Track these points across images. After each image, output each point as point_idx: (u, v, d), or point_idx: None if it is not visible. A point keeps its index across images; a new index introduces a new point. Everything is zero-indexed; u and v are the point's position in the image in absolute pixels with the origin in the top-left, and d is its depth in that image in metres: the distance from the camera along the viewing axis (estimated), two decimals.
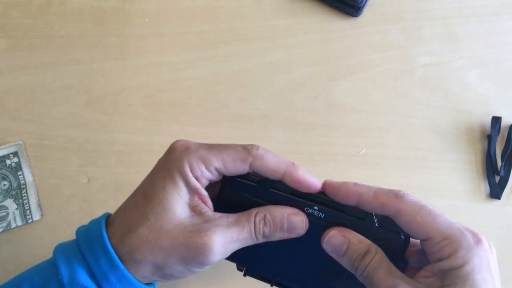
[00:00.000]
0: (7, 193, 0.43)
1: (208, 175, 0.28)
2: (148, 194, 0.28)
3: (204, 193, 0.29)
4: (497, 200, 0.47)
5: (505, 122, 0.48)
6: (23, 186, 0.43)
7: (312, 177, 0.29)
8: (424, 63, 0.50)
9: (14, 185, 0.43)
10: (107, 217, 0.30)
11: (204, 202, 0.29)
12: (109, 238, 0.28)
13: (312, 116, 0.48)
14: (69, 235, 0.43)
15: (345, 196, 0.29)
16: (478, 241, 0.27)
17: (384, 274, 0.27)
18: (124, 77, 0.48)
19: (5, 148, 0.44)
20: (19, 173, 0.43)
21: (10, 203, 0.43)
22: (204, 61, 0.49)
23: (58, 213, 0.43)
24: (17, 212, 0.42)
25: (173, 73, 0.48)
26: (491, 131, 0.48)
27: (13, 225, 0.42)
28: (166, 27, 0.50)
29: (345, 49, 0.50)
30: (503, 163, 0.47)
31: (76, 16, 0.49)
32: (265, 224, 0.28)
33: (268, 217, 0.29)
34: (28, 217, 0.42)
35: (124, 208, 0.30)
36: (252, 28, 0.50)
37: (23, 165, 0.44)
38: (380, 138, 0.48)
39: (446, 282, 0.26)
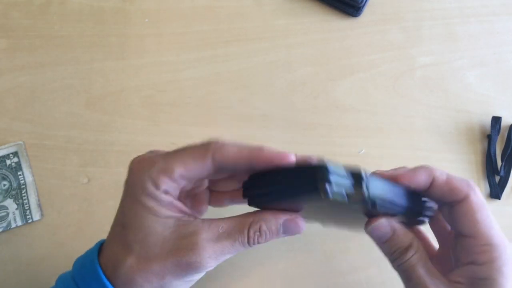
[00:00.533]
0: (7, 193, 0.43)
1: (174, 186, 0.27)
2: (124, 223, 0.27)
3: (180, 205, 0.27)
4: (497, 200, 0.47)
5: (505, 122, 0.48)
6: (23, 186, 0.43)
7: (280, 150, 0.27)
8: (424, 63, 0.50)
9: (14, 185, 0.43)
10: (101, 245, 0.29)
11: (183, 212, 0.27)
12: (103, 270, 0.27)
13: (312, 116, 0.48)
14: (69, 235, 0.43)
15: (418, 179, 0.29)
16: None
17: (423, 273, 0.28)
18: (124, 77, 0.48)
19: (5, 148, 0.44)
20: (19, 173, 0.43)
21: (10, 203, 0.43)
22: (204, 61, 0.49)
23: (58, 213, 0.43)
24: (17, 212, 0.42)
25: (173, 73, 0.48)
26: (491, 131, 0.48)
27: (13, 225, 0.42)
28: (166, 27, 0.50)
29: (345, 49, 0.50)
30: (503, 163, 0.47)
31: (76, 16, 0.49)
32: (260, 235, 0.27)
33: (264, 227, 0.27)
34: (28, 217, 0.42)
35: (109, 239, 0.29)
36: (252, 28, 0.50)
37: (23, 165, 0.44)
38: (380, 138, 0.48)
39: None
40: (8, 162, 0.44)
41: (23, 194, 0.43)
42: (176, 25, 0.50)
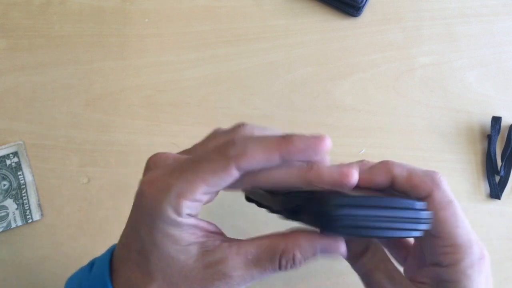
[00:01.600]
0: (7, 193, 0.43)
1: (197, 204, 0.23)
2: (142, 251, 0.24)
3: (204, 225, 0.25)
4: (497, 200, 0.47)
5: (505, 122, 0.48)
6: (23, 186, 0.43)
7: (312, 136, 0.24)
8: (424, 63, 0.50)
9: (14, 185, 0.43)
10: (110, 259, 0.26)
11: (207, 231, 0.25)
12: None
13: (312, 116, 0.48)
14: (69, 235, 0.43)
15: (376, 180, 0.26)
16: (482, 257, 0.26)
17: (381, 277, 0.26)
18: (124, 77, 0.48)
19: (5, 148, 0.44)
20: (19, 173, 0.43)
21: (10, 203, 0.43)
22: (204, 61, 0.49)
23: (58, 213, 0.43)
24: (17, 212, 0.42)
25: (173, 73, 0.48)
26: (491, 131, 0.48)
27: (13, 225, 0.42)
28: (166, 27, 0.50)
29: (345, 49, 0.50)
30: (503, 163, 0.47)
31: (76, 16, 0.49)
32: (293, 263, 0.24)
33: (298, 256, 0.24)
34: (28, 217, 0.42)
35: (124, 264, 0.25)
36: (252, 28, 0.50)
37: (23, 165, 0.44)
38: (380, 138, 0.48)
39: None
40: (8, 162, 0.44)
41: (23, 194, 0.43)
42: (176, 25, 0.50)
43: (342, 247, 0.24)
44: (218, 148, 0.23)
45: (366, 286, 0.27)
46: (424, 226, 0.24)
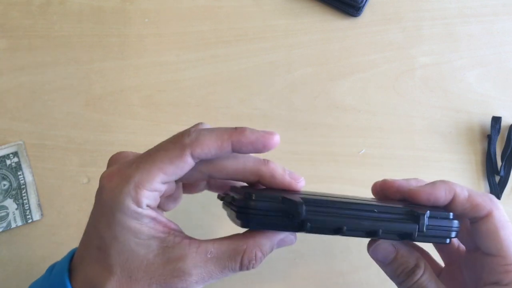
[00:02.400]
0: (7, 193, 0.43)
1: (156, 194, 0.24)
2: (102, 246, 0.24)
3: (165, 220, 0.25)
4: None
5: (505, 122, 0.48)
6: (23, 186, 0.43)
7: (262, 131, 0.25)
8: (424, 63, 0.50)
9: (14, 185, 0.43)
10: (69, 263, 0.26)
11: (167, 227, 0.25)
12: None
13: (312, 116, 0.48)
14: (69, 235, 0.43)
15: (438, 196, 0.27)
16: None
17: None
18: (124, 77, 0.48)
19: (5, 148, 0.44)
20: (19, 173, 0.43)
21: (10, 203, 0.43)
22: (204, 61, 0.49)
23: (58, 213, 0.43)
24: (17, 212, 0.42)
25: (173, 73, 0.48)
26: (491, 131, 0.48)
27: (13, 225, 0.42)
28: (166, 27, 0.50)
29: (345, 49, 0.50)
30: (503, 163, 0.47)
31: (76, 16, 0.49)
32: (255, 262, 0.25)
33: (259, 254, 0.25)
34: (28, 217, 0.42)
35: (83, 260, 0.26)
36: (252, 28, 0.50)
37: (23, 165, 0.44)
38: (380, 138, 0.48)
39: None
40: (8, 162, 0.44)
41: (23, 194, 0.43)
42: (176, 25, 0.50)
43: (294, 236, 0.26)
44: (173, 137, 0.24)
45: None
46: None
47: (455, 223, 0.25)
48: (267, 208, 0.23)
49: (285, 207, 0.23)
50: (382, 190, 0.29)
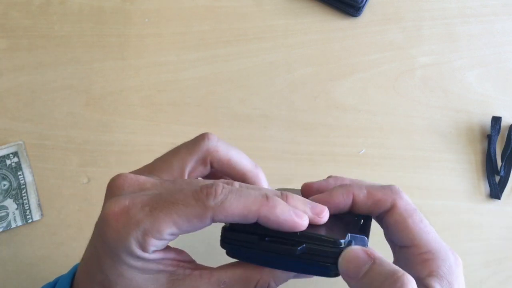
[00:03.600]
0: (7, 193, 0.43)
1: (165, 243, 0.22)
2: (106, 284, 0.23)
3: (172, 255, 0.23)
4: (497, 200, 0.47)
5: (505, 122, 0.48)
6: (23, 186, 0.43)
7: (294, 212, 0.22)
8: (424, 63, 0.50)
9: (14, 185, 0.43)
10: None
11: (176, 261, 0.24)
12: None
13: (312, 116, 0.48)
14: (69, 235, 0.43)
15: (336, 203, 0.25)
16: (457, 262, 0.25)
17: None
18: (124, 77, 0.48)
19: (5, 148, 0.44)
20: (19, 173, 0.43)
21: (10, 203, 0.43)
22: (204, 61, 0.49)
23: (58, 213, 0.43)
24: (17, 212, 0.42)
25: (173, 73, 0.48)
26: (491, 131, 0.48)
27: (13, 225, 0.42)
28: (166, 27, 0.50)
29: (345, 49, 0.50)
30: (503, 163, 0.47)
31: (76, 16, 0.49)
32: None
33: (273, 285, 0.24)
34: (28, 217, 0.42)
35: None
36: (252, 28, 0.50)
37: (23, 165, 0.44)
38: (380, 138, 0.48)
39: None
40: (8, 162, 0.44)
41: (23, 194, 0.43)
42: (176, 25, 0.50)
43: None
44: (198, 193, 0.22)
45: None
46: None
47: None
48: (241, 239, 0.23)
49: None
50: (307, 195, 0.27)
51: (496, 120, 0.48)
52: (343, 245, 0.23)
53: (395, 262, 0.27)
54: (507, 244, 0.46)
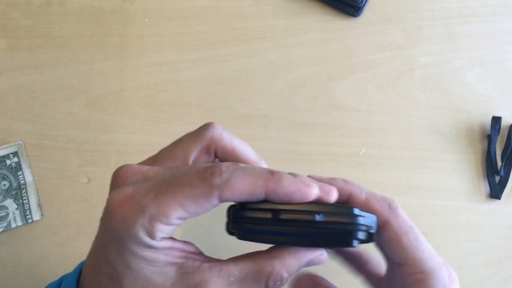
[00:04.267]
0: (7, 193, 0.43)
1: (173, 228, 0.22)
2: (113, 276, 0.22)
3: (181, 245, 0.23)
4: (497, 200, 0.47)
5: (505, 122, 0.48)
6: (23, 186, 0.43)
7: (302, 182, 0.22)
8: (424, 63, 0.50)
9: (14, 185, 0.43)
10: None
11: (185, 252, 0.23)
12: None
13: (312, 116, 0.48)
14: (69, 235, 0.43)
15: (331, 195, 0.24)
16: (452, 280, 0.25)
17: None
18: (124, 77, 0.48)
19: (5, 148, 0.44)
20: (19, 173, 0.43)
21: (10, 203, 0.43)
22: (204, 61, 0.49)
23: (58, 213, 0.43)
24: (17, 212, 0.42)
25: (173, 73, 0.48)
26: (491, 131, 0.48)
27: (13, 225, 0.42)
28: (166, 27, 0.50)
29: (345, 49, 0.50)
30: (503, 163, 0.47)
31: (76, 16, 0.49)
32: (281, 283, 0.23)
33: (286, 275, 0.23)
34: (28, 217, 0.42)
35: (91, 287, 0.24)
36: (252, 28, 0.50)
37: (23, 165, 0.44)
38: (380, 138, 0.48)
39: None
40: (8, 162, 0.44)
41: (23, 194, 0.43)
42: (176, 25, 0.50)
43: (325, 256, 0.24)
44: (202, 173, 0.21)
45: None
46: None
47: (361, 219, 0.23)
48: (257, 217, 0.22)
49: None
50: None
51: (496, 120, 0.48)
52: (358, 214, 0.22)
53: (388, 275, 0.28)
54: (507, 244, 0.46)
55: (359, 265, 0.30)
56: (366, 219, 0.23)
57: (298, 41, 0.50)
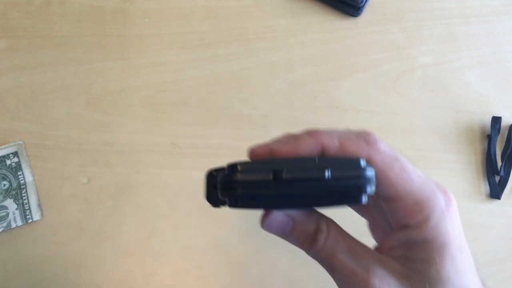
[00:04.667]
0: (7, 193, 0.43)
1: None
2: None
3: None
4: (497, 200, 0.47)
5: (505, 122, 0.48)
6: (23, 186, 0.43)
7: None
8: (424, 63, 0.50)
9: (14, 185, 0.43)
10: None
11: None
12: None
13: (312, 116, 0.48)
14: (69, 235, 0.43)
15: (306, 150, 0.23)
16: (449, 202, 0.23)
17: (344, 258, 0.23)
18: (124, 77, 0.48)
19: (5, 148, 0.44)
20: (19, 173, 0.43)
21: (10, 203, 0.43)
22: (204, 61, 0.49)
23: (58, 213, 0.43)
24: (17, 212, 0.42)
25: (173, 73, 0.48)
26: (491, 131, 0.48)
27: (13, 225, 0.42)
28: (166, 27, 0.50)
29: (345, 49, 0.50)
30: (503, 163, 0.47)
31: (76, 16, 0.49)
32: None
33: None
34: (28, 217, 0.42)
35: None
36: (252, 28, 0.50)
37: (23, 165, 0.44)
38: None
39: (414, 254, 0.22)
40: (8, 162, 0.44)
41: (23, 194, 0.43)
42: (176, 25, 0.50)
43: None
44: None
45: (331, 274, 0.24)
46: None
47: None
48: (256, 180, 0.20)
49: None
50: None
51: (496, 120, 0.48)
52: (365, 165, 0.20)
53: (375, 212, 0.26)
54: (507, 244, 0.46)
55: None
56: (372, 169, 0.21)
57: (298, 41, 0.50)
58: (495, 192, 0.46)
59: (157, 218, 0.44)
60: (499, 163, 0.47)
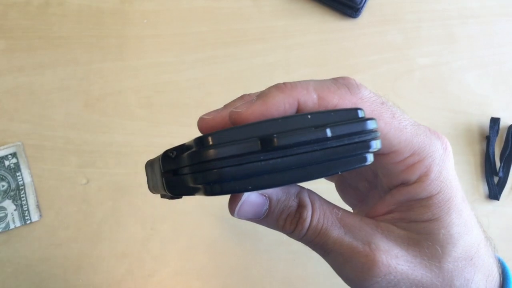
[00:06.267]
0: (5, 194, 0.43)
1: None
2: None
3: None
4: (496, 201, 0.47)
5: (503, 123, 0.48)
6: (21, 187, 0.43)
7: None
8: (423, 64, 0.50)
9: (13, 186, 0.43)
10: None
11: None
12: None
13: None
14: (68, 236, 0.43)
15: (278, 110, 0.18)
16: (445, 147, 0.20)
17: (339, 233, 0.19)
18: (123, 78, 0.48)
19: (3, 149, 0.44)
20: (17, 174, 0.43)
21: (8, 204, 0.43)
22: (203, 62, 0.49)
23: (57, 214, 0.43)
24: (15, 213, 0.42)
25: (172, 74, 0.48)
26: (489, 132, 0.48)
27: (12, 226, 0.42)
28: (165, 28, 0.50)
29: (344, 50, 0.50)
30: (502, 164, 0.47)
31: (75, 17, 0.49)
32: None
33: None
34: (26, 218, 0.42)
35: None
36: (251, 29, 0.50)
37: (22, 166, 0.44)
38: None
39: (416, 215, 0.19)
40: (6, 163, 0.44)
41: (22, 195, 0.43)
42: (175, 26, 0.50)
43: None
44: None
45: (325, 256, 0.20)
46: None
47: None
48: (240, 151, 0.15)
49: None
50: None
51: (494, 121, 0.48)
52: (364, 116, 0.17)
53: (357, 180, 0.23)
54: (506, 245, 0.46)
55: None
56: (373, 119, 0.17)
57: (297, 42, 0.50)
58: (494, 193, 0.46)
59: (156, 219, 0.44)
60: (498, 164, 0.47)
